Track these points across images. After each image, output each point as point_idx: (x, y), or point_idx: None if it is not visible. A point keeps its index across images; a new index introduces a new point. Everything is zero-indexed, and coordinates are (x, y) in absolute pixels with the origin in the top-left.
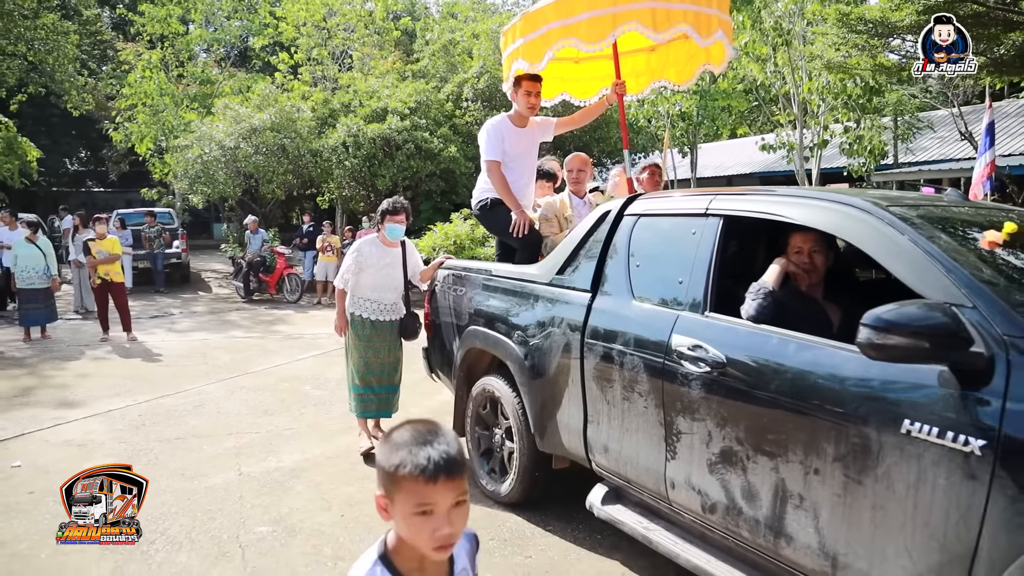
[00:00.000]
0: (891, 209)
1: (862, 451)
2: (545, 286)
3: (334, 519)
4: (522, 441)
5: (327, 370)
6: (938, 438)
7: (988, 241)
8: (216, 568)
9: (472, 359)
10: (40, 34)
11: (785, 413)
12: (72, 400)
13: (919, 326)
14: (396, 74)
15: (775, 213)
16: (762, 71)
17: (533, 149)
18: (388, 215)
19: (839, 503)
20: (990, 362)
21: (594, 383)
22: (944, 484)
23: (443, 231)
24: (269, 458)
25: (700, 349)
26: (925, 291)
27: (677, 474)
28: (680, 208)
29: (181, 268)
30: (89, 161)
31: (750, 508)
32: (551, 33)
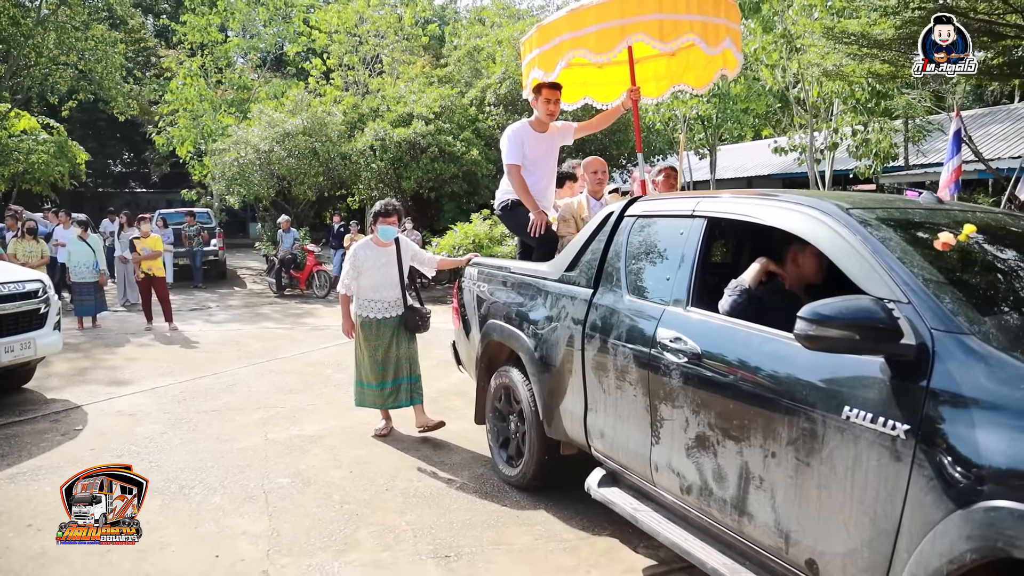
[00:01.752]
0: (851, 212)
1: (811, 436)
2: (554, 283)
3: (343, 475)
4: (532, 428)
5: (348, 357)
6: (871, 423)
7: (942, 243)
8: (244, 507)
9: (492, 351)
10: (90, 44)
11: (748, 400)
12: (122, 379)
13: (850, 319)
14: (424, 78)
15: (748, 214)
16: (772, 76)
17: (553, 153)
18: (380, 217)
19: (791, 484)
20: (917, 353)
21: (593, 373)
22: (875, 465)
23: (463, 231)
24: (292, 427)
25: (680, 341)
26: (869, 288)
27: (660, 458)
28: (671, 210)
29: (218, 265)
30: (133, 163)
31: (719, 489)
32: (563, 44)
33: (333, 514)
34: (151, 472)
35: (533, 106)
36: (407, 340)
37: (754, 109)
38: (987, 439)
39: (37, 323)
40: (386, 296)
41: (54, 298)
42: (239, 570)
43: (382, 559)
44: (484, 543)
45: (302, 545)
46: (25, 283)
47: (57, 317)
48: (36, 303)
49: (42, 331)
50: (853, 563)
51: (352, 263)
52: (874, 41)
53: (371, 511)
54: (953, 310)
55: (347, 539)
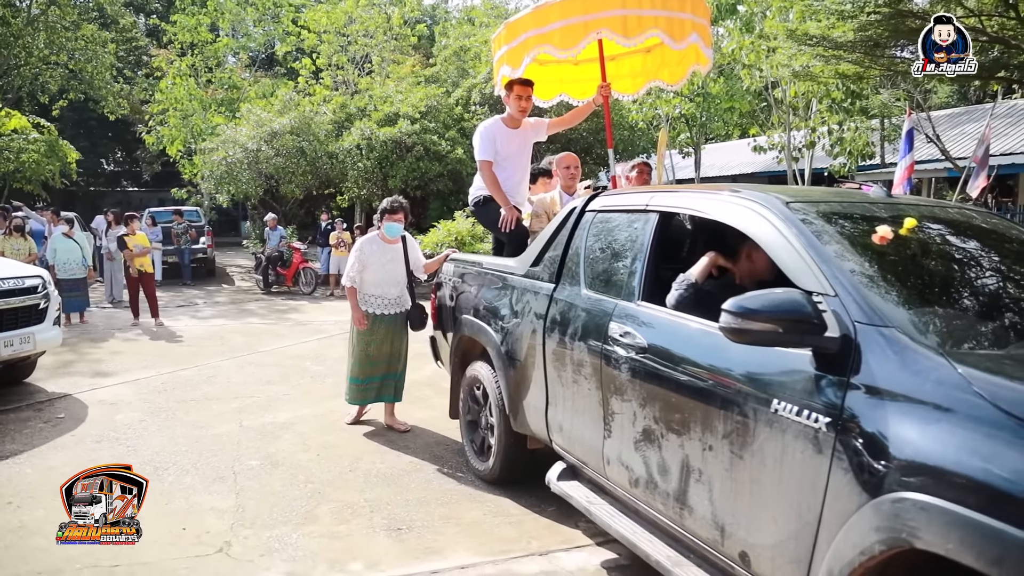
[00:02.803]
0: (791, 206)
1: (743, 429)
2: (520, 277)
3: (311, 457)
4: (500, 422)
5: (328, 350)
6: (796, 416)
7: (880, 236)
8: (213, 486)
9: (465, 346)
10: (80, 44)
11: (688, 394)
12: (105, 371)
13: (774, 312)
14: (413, 78)
15: (695, 208)
16: (749, 76)
17: (525, 149)
18: (387, 214)
19: (727, 477)
20: (841, 346)
21: (553, 368)
22: (800, 458)
23: (446, 228)
24: (266, 415)
25: (629, 335)
26: (801, 281)
27: (611, 451)
28: (627, 205)
29: (207, 263)
30: (124, 162)
31: (663, 483)
32: (528, 41)
33: (297, 492)
34: (128, 456)
35: (505, 103)
36: (401, 337)
37: (738, 108)
38: (898, 431)
39: (37, 318)
40: (387, 293)
41: (54, 293)
42: (203, 540)
43: (338, 531)
44: (435, 518)
45: (264, 519)
46: (25, 279)
47: (57, 312)
48: (36, 298)
49: (41, 326)
50: (781, 555)
51: (358, 256)
52: (835, 43)
53: (333, 490)
54: (877, 303)
55: (307, 514)
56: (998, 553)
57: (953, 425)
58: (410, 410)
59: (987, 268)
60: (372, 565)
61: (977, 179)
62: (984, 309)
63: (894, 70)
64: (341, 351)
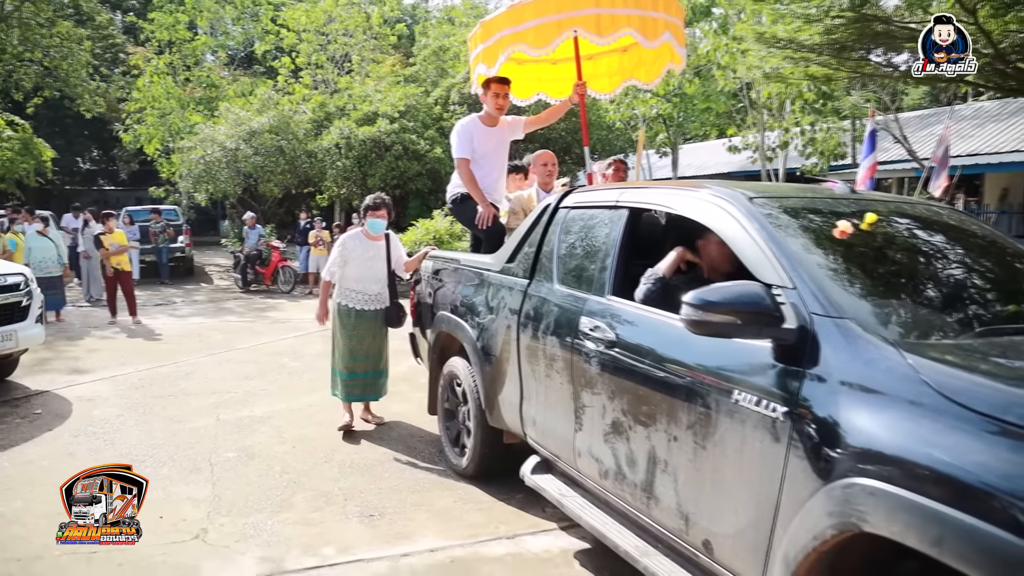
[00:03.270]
0: (755, 201)
1: (706, 420)
2: (496, 274)
3: (287, 449)
4: (476, 418)
5: (305, 347)
6: (756, 406)
7: (840, 231)
8: (190, 477)
9: (443, 342)
10: (55, 41)
11: (655, 386)
12: (83, 368)
13: (733, 304)
14: (392, 77)
15: (663, 204)
16: (724, 77)
17: (503, 147)
18: (370, 211)
19: (691, 467)
20: (798, 337)
21: (526, 362)
22: (759, 447)
23: (424, 227)
24: (243, 410)
25: (599, 329)
26: (761, 275)
27: (582, 444)
28: (598, 201)
29: (185, 262)
30: (101, 160)
31: (631, 474)
32: (503, 39)
33: (273, 482)
34: (105, 449)
35: (483, 101)
36: (381, 335)
37: (714, 108)
38: (850, 419)
39: (19, 315)
40: (368, 289)
41: (36, 291)
42: (180, 528)
43: (312, 518)
44: (407, 505)
45: (240, 508)
46: (7, 276)
47: (39, 310)
48: (18, 296)
49: (24, 323)
50: (741, 542)
51: (340, 252)
52: (802, 46)
53: (308, 479)
54: (834, 296)
55: (283, 503)
56: (937, 534)
57: (900, 412)
58: (386, 404)
59: (944, 262)
60: (344, 549)
61: (938, 179)
62: (939, 301)
63: (861, 72)
64: (319, 347)
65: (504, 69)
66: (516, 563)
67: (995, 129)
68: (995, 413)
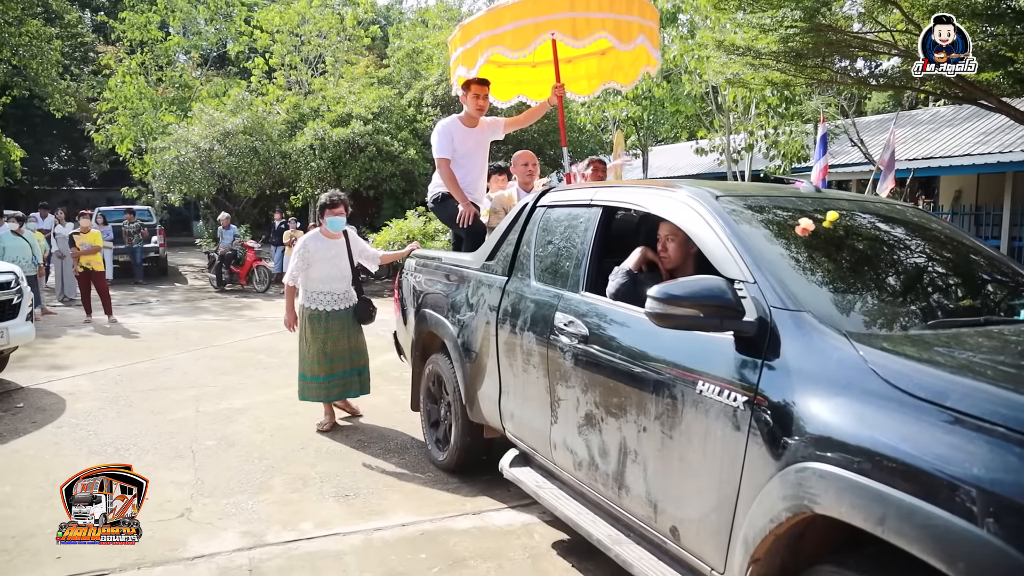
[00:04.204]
0: (720, 199)
1: (673, 410)
2: (476, 271)
3: (265, 438)
4: (458, 413)
5: (281, 344)
6: (718, 396)
7: (801, 228)
8: (173, 463)
9: (425, 339)
10: (24, 40)
11: (625, 379)
12: (62, 364)
13: (695, 298)
14: (366, 79)
15: (633, 202)
16: (690, 82)
17: (483, 147)
18: (327, 208)
19: (659, 456)
20: (758, 329)
21: (505, 358)
22: (721, 436)
23: (398, 227)
24: (222, 402)
25: (573, 324)
26: (725, 270)
27: (557, 437)
28: (573, 200)
29: (159, 262)
30: (71, 160)
31: (603, 464)
32: (482, 42)
33: (252, 467)
34: (89, 439)
35: (463, 102)
36: (356, 332)
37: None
38: (804, 407)
39: (10, 313)
40: (335, 288)
41: (27, 289)
42: (165, 508)
43: (291, 498)
44: (380, 486)
45: (222, 489)
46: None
47: (30, 308)
48: (9, 294)
49: (15, 321)
50: (705, 528)
51: (301, 255)
52: (760, 53)
53: (286, 464)
54: (792, 289)
55: (262, 485)
56: (880, 513)
57: (849, 399)
58: (360, 397)
59: (901, 256)
60: (321, 524)
61: (885, 182)
62: (895, 294)
63: (818, 79)
64: (293, 344)
65: (484, 72)
66: (481, 535)
67: (949, 133)
68: (935, 399)
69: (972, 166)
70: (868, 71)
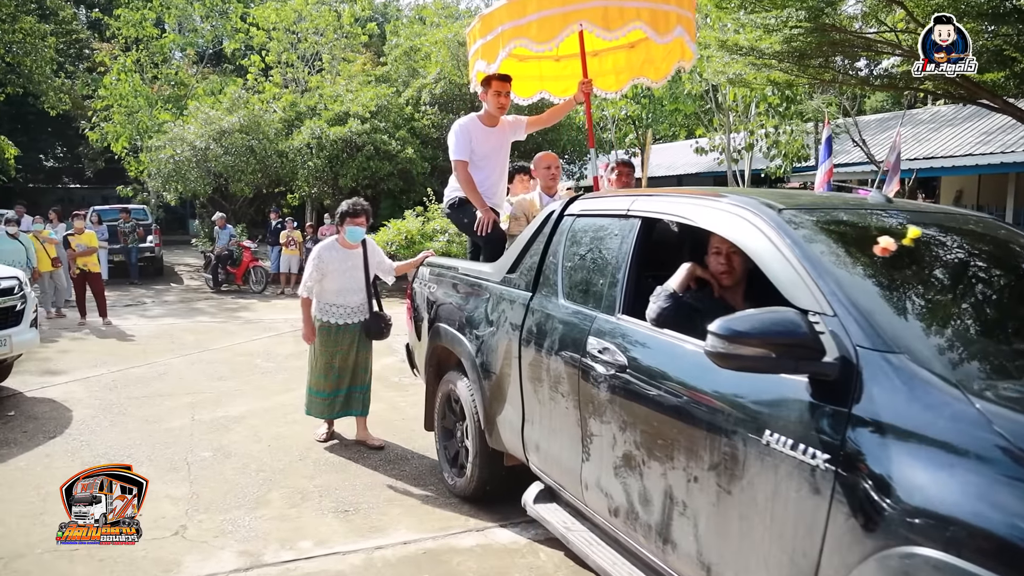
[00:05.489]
0: (782, 212)
1: (732, 460)
2: (496, 285)
3: (262, 448)
4: (475, 438)
5: (278, 347)
6: (791, 450)
7: (881, 248)
8: (167, 475)
9: (440, 356)
10: (17, 37)
11: (672, 419)
12: (55, 369)
13: (766, 335)
14: (363, 77)
15: (679, 214)
16: (690, 81)
17: (503, 148)
18: (348, 217)
19: (713, 512)
20: (841, 373)
21: (529, 382)
22: (795, 497)
23: (396, 227)
24: (218, 410)
25: (608, 351)
26: (795, 298)
27: (590, 476)
28: (607, 209)
29: (155, 262)
30: (66, 158)
31: (644, 513)
32: (504, 33)
33: (249, 480)
34: (82, 450)
35: (483, 100)
36: (365, 347)
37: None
38: (908, 474)
39: (13, 320)
40: (349, 301)
41: (31, 295)
42: (160, 524)
43: (289, 514)
44: (381, 500)
45: (218, 504)
46: (0, 280)
47: (34, 314)
48: (12, 300)
49: (18, 328)
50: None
51: (316, 265)
52: (763, 53)
53: (284, 477)
54: (882, 325)
55: (260, 499)
56: None
57: (970, 469)
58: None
59: (1007, 285)
60: (321, 543)
61: (890, 184)
62: (1005, 333)
63: (821, 79)
64: (291, 348)
65: (504, 66)
66: (485, 553)
67: (950, 133)
68: None
69: (975, 166)
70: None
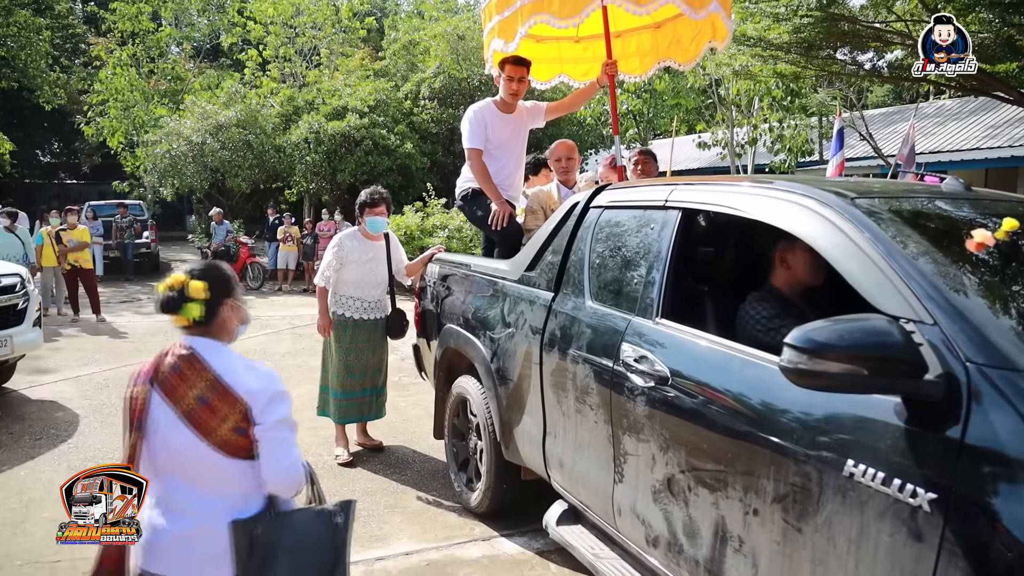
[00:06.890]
0: (857, 202)
1: (803, 493)
2: (513, 283)
3: None
4: (490, 449)
5: (275, 345)
6: (883, 485)
7: (976, 243)
8: None
9: (451, 358)
10: (12, 31)
11: (727, 440)
12: (45, 368)
13: (855, 348)
14: (362, 71)
15: (729, 205)
16: (693, 74)
17: (520, 136)
18: (368, 207)
19: (778, 552)
20: (948, 394)
21: (551, 392)
22: (888, 542)
23: (395, 222)
24: None
25: (646, 361)
26: (881, 303)
27: (623, 499)
28: (641, 200)
29: (151, 258)
30: (62, 153)
31: (690, 547)
32: (524, 9)
33: None
34: (70, 454)
35: (497, 84)
36: (382, 346)
37: (684, 105)
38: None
39: (15, 319)
40: (367, 295)
41: (33, 293)
42: None
43: None
44: (381, 507)
45: None
46: (2, 277)
47: (36, 313)
48: (13, 298)
49: (20, 328)
50: None
51: (335, 253)
52: (771, 44)
53: None
54: (998, 337)
55: None
56: None
57: None
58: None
59: None
60: None
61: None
62: None
63: (828, 70)
64: (288, 346)
65: (521, 48)
66: (492, 565)
67: (956, 127)
68: None
69: (984, 160)
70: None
